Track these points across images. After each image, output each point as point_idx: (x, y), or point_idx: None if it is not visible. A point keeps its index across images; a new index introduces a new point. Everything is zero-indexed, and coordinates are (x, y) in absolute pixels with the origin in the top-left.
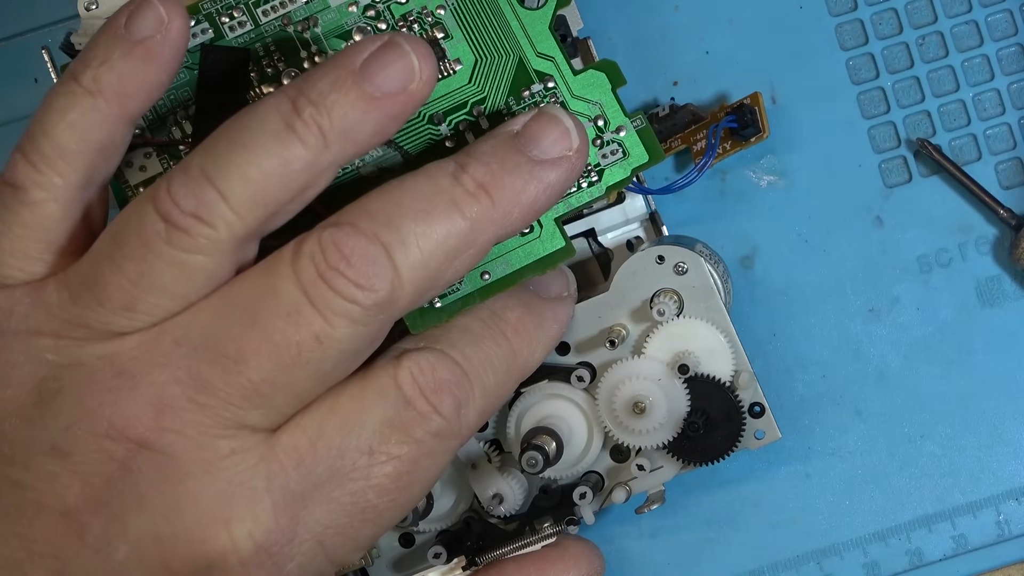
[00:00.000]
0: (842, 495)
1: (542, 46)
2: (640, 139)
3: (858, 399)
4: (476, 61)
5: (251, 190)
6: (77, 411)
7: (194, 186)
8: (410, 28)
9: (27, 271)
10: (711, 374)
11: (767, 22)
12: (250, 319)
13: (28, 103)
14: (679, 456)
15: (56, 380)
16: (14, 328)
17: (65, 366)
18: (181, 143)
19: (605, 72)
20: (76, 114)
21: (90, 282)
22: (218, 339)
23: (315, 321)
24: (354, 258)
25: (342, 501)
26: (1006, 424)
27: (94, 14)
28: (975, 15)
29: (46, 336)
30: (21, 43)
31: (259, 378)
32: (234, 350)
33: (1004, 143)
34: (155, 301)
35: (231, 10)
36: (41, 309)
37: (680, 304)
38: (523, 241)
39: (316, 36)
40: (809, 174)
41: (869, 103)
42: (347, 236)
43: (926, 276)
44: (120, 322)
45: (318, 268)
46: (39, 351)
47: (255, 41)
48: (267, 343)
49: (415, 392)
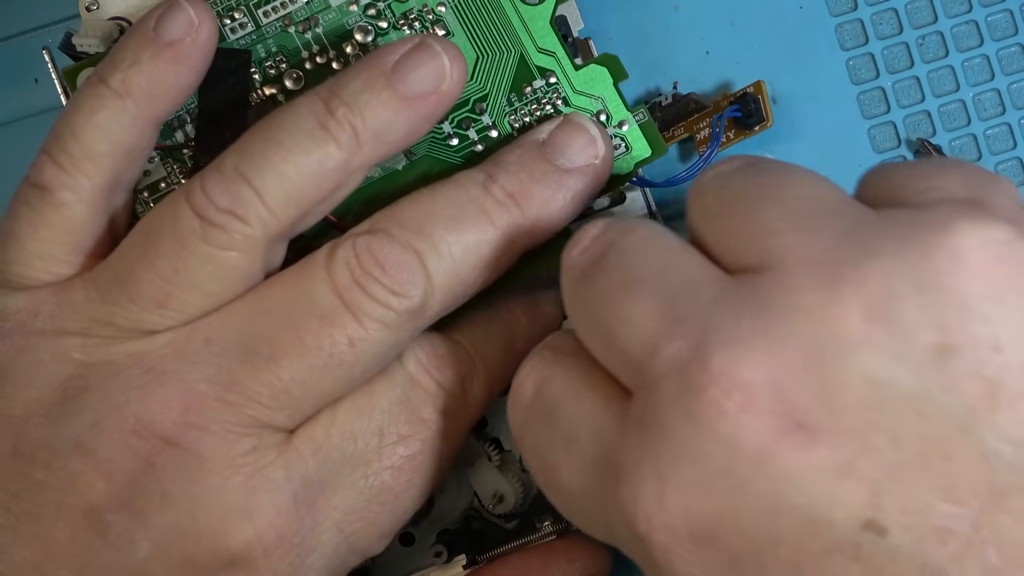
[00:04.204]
0: None
1: (543, 41)
2: (642, 133)
3: None
4: (477, 58)
5: (286, 188)
6: (103, 408)
7: (229, 183)
8: (411, 26)
9: (52, 272)
10: None
11: (767, 22)
12: (283, 320)
13: (28, 103)
14: None
15: (82, 378)
16: (40, 328)
17: (92, 364)
18: (184, 147)
19: (607, 67)
20: (104, 115)
21: (121, 279)
22: (250, 338)
23: (349, 324)
24: (389, 264)
25: (358, 485)
26: None
27: (95, 14)
28: (975, 15)
29: (73, 335)
30: (21, 43)
31: (289, 378)
32: (266, 350)
33: (1004, 143)
34: (188, 298)
35: (232, 11)
36: (68, 308)
37: None
38: None
39: (317, 36)
40: None
41: (869, 103)
42: (382, 243)
43: None
44: (151, 320)
45: (353, 273)
46: (66, 350)
47: (256, 42)
48: (300, 344)
49: (419, 370)
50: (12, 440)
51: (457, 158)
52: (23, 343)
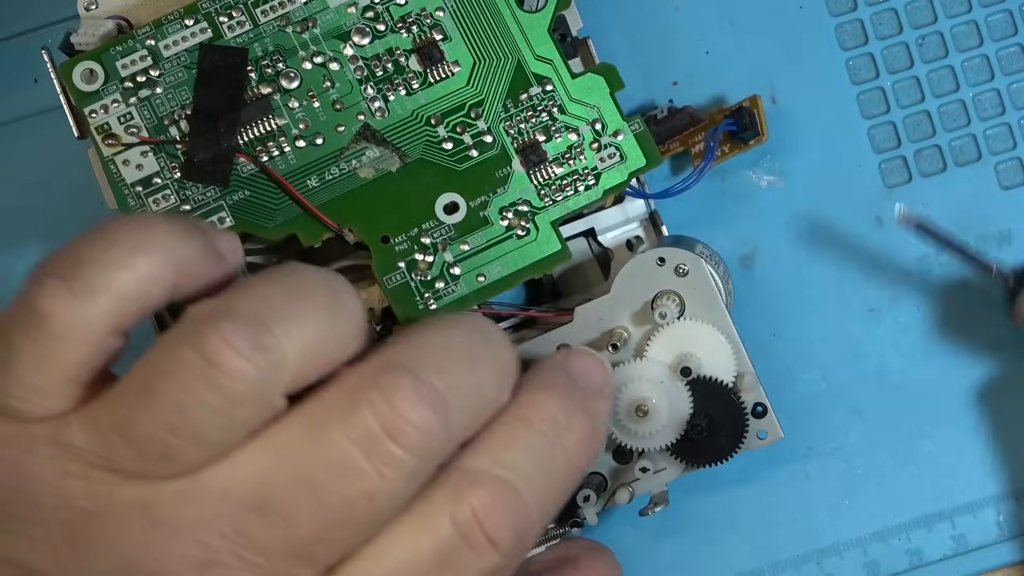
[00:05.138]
0: (842, 495)
1: (541, 49)
2: (638, 143)
3: (858, 399)
4: (474, 63)
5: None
6: (116, 562)
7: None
8: (408, 30)
9: (46, 407)
10: (713, 376)
11: (767, 22)
12: (299, 473)
13: (28, 103)
14: (682, 458)
15: (89, 528)
16: (38, 471)
17: (98, 513)
18: (178, 142)
19: (603, 76)
20: (145, 264)
21: (122, 428)
22: (266, 494)
23: (369, 477)
24: (420, 405)
25: None
26: (1006, 424)
27: (94, 14)
28: (975, 15)
29: (75, 478)
30: (21, 43)
31: (310, 535)
32: (284, 507)
33: (1004, 143)
34: (193, 452)
35: (230, 10)
36: (67, 452)
37: (681, 306)
38: (519, 244)
39: (315, 37)
40: (809, 174)
41: (869, 103)
42: (408, 381)
43: (926, 276)
44: (156, 470)
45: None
46: (69, 496)
47: (254, 41)
48: (318, 501)
49: (473, 527)
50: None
51: (451, 162)
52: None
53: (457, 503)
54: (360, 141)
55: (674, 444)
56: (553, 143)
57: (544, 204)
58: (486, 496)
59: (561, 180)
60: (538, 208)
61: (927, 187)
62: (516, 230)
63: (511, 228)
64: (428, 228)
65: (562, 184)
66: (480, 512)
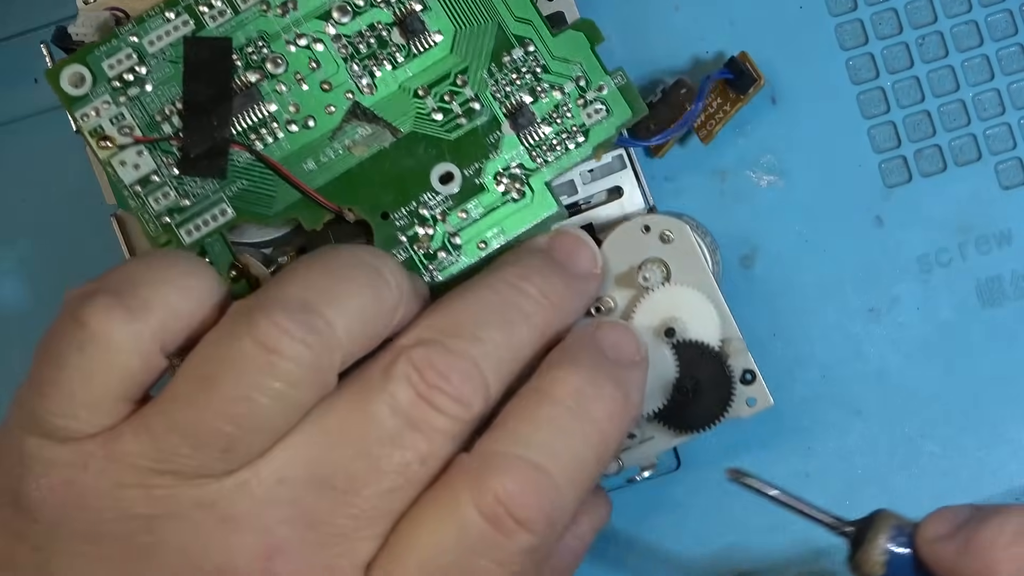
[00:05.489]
0: (842, 495)
1: (519, 10)
2: (622, 95)
3: (858, 399)
4: (456, 31)
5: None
6: (181, 564)
7: (300, 313)
8: (387, 3)
9: (94, 424)
10: (700, 339)
11: (767, 22)
12: (353, 449)
13: (28, 103)
14: (669, 424)
15: (150, 533)
16: (92, 485)
17: (159, 517)
18: (172, 139)
19: (583, 31)
20: (196, 281)
21: (179, 427)
22: (323, 473)
23: (420, 442)
24: (452, 375)
25: None
26: (1006, 424)
27: (92, 6)
28: (975, 15)
29: (131, 488)
30: (21, 43)
31: (370, 506)
32: (342, 482)
33: (1004, 143)
34: (255, 440)
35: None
36: (120, 461)
37: (667, 272)
38: (515, 209)
39: (296, 19)
40: (809, 174)
41: (869, 103)
42: (440, 354)
43: (926, 276)
44: (216, 466)
45: (417, 389)
46: (127, 505)
47: (236, 29)
48: (375, 471)
49: (499, 513)
50: None
51: (442, 132)
52: (77, 500)
53: (479, 490)
54: (351, 120)
55: (660, 410)
56: (540, 103)
57: (537, 165)
58: (508, 480)
59: (551, 140)
60: (531, 170)
61: (927, 187)
62: (512, 193)
63: (507, 192)
64: (426, 200)
65: (552, 144)
66: (503, 496)
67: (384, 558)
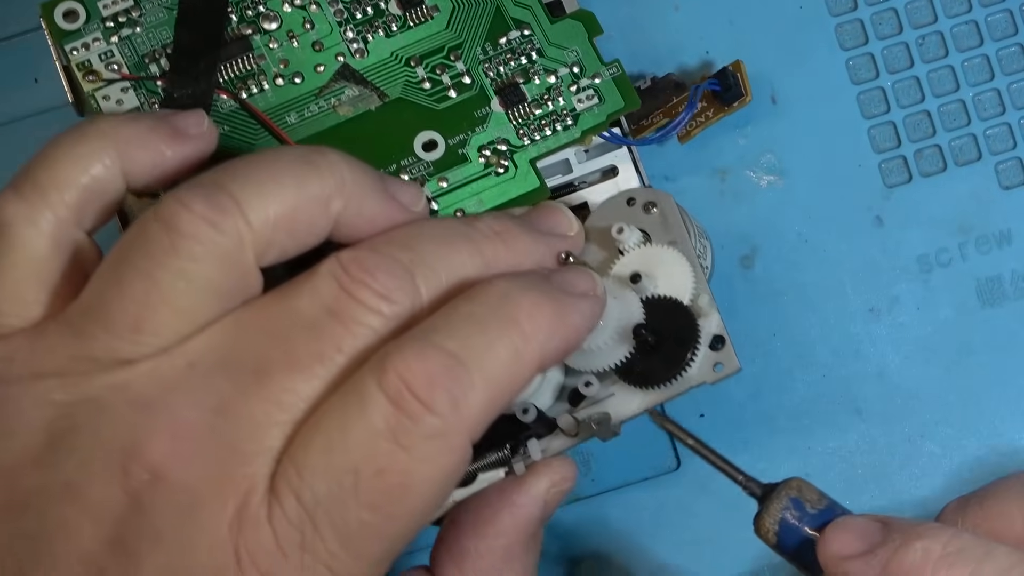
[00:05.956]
0: (842, 495)
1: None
2: (616, 85)
3: (858, 399)
4: (454, 8)
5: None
6: (91, 444)
7: (206, 190)
8: None
9: (23, 316)
10: (670, 295)
11: (767, 22)
12: (268, 336)
13: (28, 103)
14: (630, 380)
15: (67, 418)
16: (16, 375)
17: (75, 403)
18: (158, 79)
19: (582, 21)
20: (85, 149)
21: (92, 309)
22: (235, 358)
23: (337, 330)
24: (377, 270)
25: (337, 524)
26: (1006, 424)
27: None
28: (975, 15)
29: (50, 376)
30: (21, 43)
31: (281, 392)
32: (253, 367)
33: (1004, 143)
34: (162, 320)
35: None
36: (42, 350)
37: (646, 238)
38: (497, 182)
39: None
40: (809, 174)
41: (869, 103)
42: (367, 252)
43: (926, 276)
44: (128, 348)
45: (340, 281)
46: (45, 393)
47: None
48: (288, 357)
49: (402, 392)
50: (5, 493)
51: (430, 102)
52: (2, 393)
53: (382, 369)
54: (339, 80)
55: (622, 364)
56: (532, 84)
57: (523, 143)
58: (413, 358)
59: (540, 120)
60: (516, 147)
61: (927, 187)
62: (495, 168)
63: (489, 166)
64: (407, 164)
65: (541, 124)
66: (405, 374)
67: (292, 445)
